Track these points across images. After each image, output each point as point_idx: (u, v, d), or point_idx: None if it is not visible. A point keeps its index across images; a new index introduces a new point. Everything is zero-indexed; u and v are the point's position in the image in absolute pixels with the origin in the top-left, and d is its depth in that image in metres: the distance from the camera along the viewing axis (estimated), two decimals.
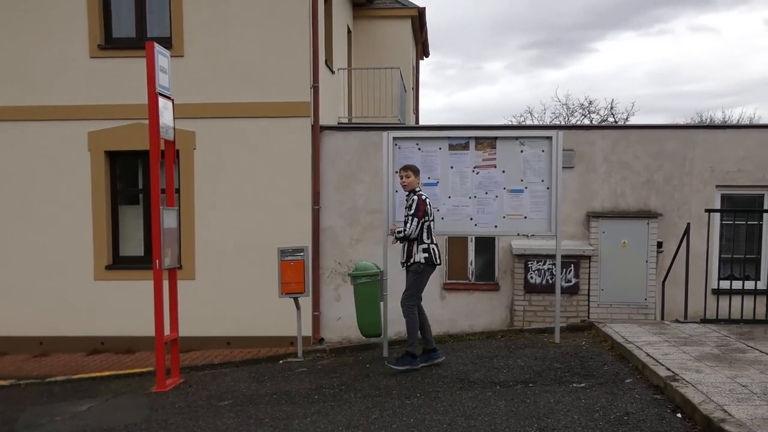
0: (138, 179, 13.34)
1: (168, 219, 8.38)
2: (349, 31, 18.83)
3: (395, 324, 11.83)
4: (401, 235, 7.86)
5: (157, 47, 8.17)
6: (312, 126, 12.85)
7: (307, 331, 12.44)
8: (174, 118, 8.67)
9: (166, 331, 8.50)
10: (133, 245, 13.21)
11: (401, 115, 18.08)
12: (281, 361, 9.81)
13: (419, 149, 8.82)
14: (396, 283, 12.33)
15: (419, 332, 8.08)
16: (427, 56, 26.08)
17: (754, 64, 69.35)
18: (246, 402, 7.25)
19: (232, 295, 12.67)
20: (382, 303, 9.07)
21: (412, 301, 7.97)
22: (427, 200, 7.91)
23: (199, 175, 12.84)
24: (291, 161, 12.76)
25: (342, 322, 12.88)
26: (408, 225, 7.79)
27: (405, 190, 8.09)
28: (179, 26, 12.76)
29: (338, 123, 15.76)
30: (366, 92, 17.71)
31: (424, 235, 7.85)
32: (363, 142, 13.09)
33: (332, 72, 15.52)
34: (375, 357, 9.12)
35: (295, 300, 9.94)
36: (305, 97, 12.74)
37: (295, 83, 12.74)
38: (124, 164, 13.27)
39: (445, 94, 71.64)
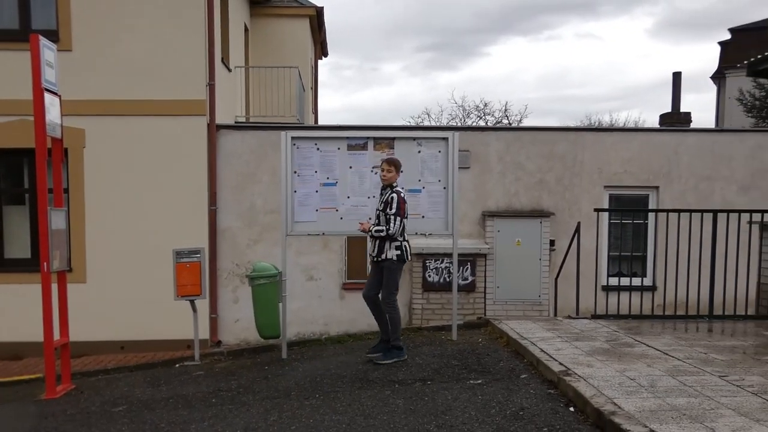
0: (24, 179, 12.78)
1: (56, 220, 8.06)
2: (246, 29, 18.58)
3: (294, 325, 11.78)
4: (383, 234, 7.69)
5: (43, 40, 7.83)
6: (208, 125, 12.62)
7: (205, 333, 12.21)
8: (62, 115, 8.35)
9: (56, 335, 8.18)
10: (19, 247, 12.66)
11: (300, 114, 17.98)
12: (178, 365, 9.59)
13: (318, 149, 8.79)
14: (295, 284, 12.30)
15: (392, 326, 7.98)
16: (325, 56, 26.04)
17: (637, 70, 72.94)
18: (141, 407, 7.05)
19: (125, 298, 12.31)
20: (280, 304, 8.99)
21: (392, 297, 7.85)
22: (405, 196, 7.84)
23: (89, 174, 12.41)
24: (187, 161, 12.50)
25: (240, 324, 12.71)
26: (392, 224, 7.63)
27: (383, 183, 7.92)
28: (67, 19, 12.29)
29: (235, 122, 15.54)
30: (264, 91, 17.53)
31: (398, 233, 7.76)
32: (261, 141, 12.95)
33: (229, 70, 15.29)
34: (274, 358, 9.03)
35: (192, 302, 9.74)
36: (201, 95, 12.50)
37: (190, 81, 12.48)
38: (9, 163, 12.69)
39: (343, 95, 71.91)
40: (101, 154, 12.40)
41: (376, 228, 7.77)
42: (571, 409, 5.63)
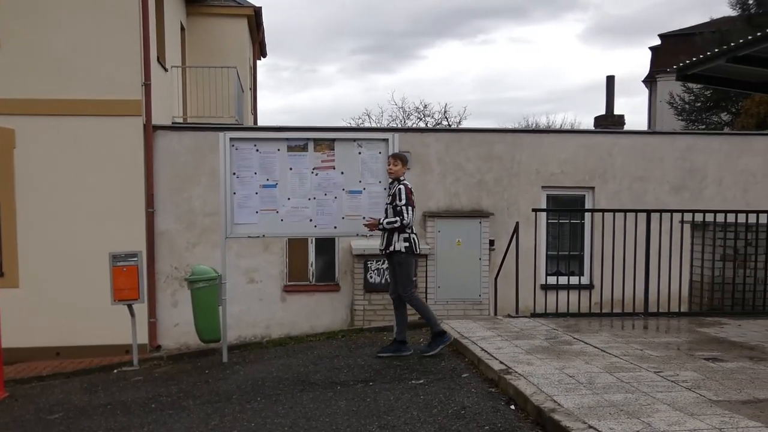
0: None
1: None
2: (182, 28, 18.32)
3: (235, 328, 11.65)
4: (397, 225, 7.63)
5: None
6: (144, 125, 12.40)
7: (143, 338, 11.99)
8: None
9: None
10: None
11: (239, 115, 17.80)
12: (116, 371, 9.41)
13: (257, 150, 8.69)
14: (235, 287, 12.16)
15: (400, 323, 7.97)
16: (264, 56, 25.85)
17: (570, 74, 74.63)
18: (78, 414, 6.89)
19: (61, 303, 12.01)
20: (220, 308, 8.88)
21: (409, 290, 7.79)
22: (411, 188, 7.83)
23: (20, 176, 12.06)
24: (123, 162, 12.26)
25: (180, 328, 12.51)
26: (405, 215, 7.60)
27: (390, 178, 7.95)
28: None
29: (173, 123, 15.30)
30: (202, 91, 17.28)
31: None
32: (199, 142, 12.78)
33: (165, 70, 15.04)
34: (215, 362, 8.92)
35: (129, 307, 9.56)
36: (136, 95, 12.28)
37: (126, 80, 12.25)
38: None
39: (281, 96, 71.55)
40: (33, 155, 12.06)
41: (388, 220, 7.73)
42: (512, 407, 5.69)
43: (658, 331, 8.67)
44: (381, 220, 7.83)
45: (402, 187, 7.72)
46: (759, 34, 7.58)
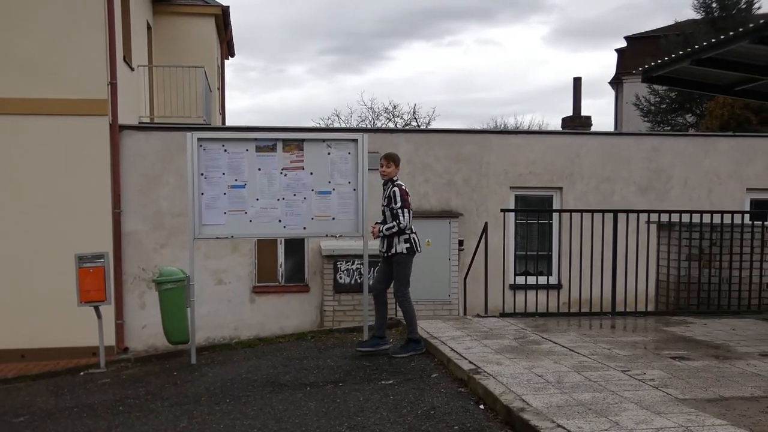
0: None
1: None
2: (149, 27, 18.13)
3: (203, 330, 11.56)
4: (395, 230, 7.62)
5: None
6: (110, 125, 12.26)
7: (110, 340, 11.85)
8: None
9: None
10: None
11: (207, 115, 17.67)
12: (82, 373, 9.29)
13: (225, 151, 8.63)
14: (203, 288, 12.06)
15: (380, 319, 7.96)
16: (232, 56, 25.70)
17: (537, 75, 75.39)
18: (44, 417, 6.79)
19: (26, 305, 11.82)
20: (188, 309, 8.80)
21: (403, 290, 7.79)
22: (406, 188, 7.81)
23: None
24: (89, 162, 12.10)
25: (148, 330, 12.38)
26: (402, 218, 7.60)
27: (383, 179, 7.90)
28: None
29: (139, 123, 15.15)
30: (169, 91, 17.12)
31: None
32: (166, 142, 12.67)
33: (131, 69, 14.88)
34: (183, 364, 8.83)
35: (96, 308, 9.45)
36: (102, 95, 12.13)
37: (91, 79, 12.10)
38: None
39: (249, 96, 71.25)
40: None
41: (387, 227, 7.70)
42: (482, 406, 5.71)
43: (625, 331, 8.76)
44: (380, 227, 7.78)
45: (396, 189, 7.71)
46: (722, 37, 7.70)
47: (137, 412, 6.61)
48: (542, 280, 12.05)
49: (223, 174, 8.60)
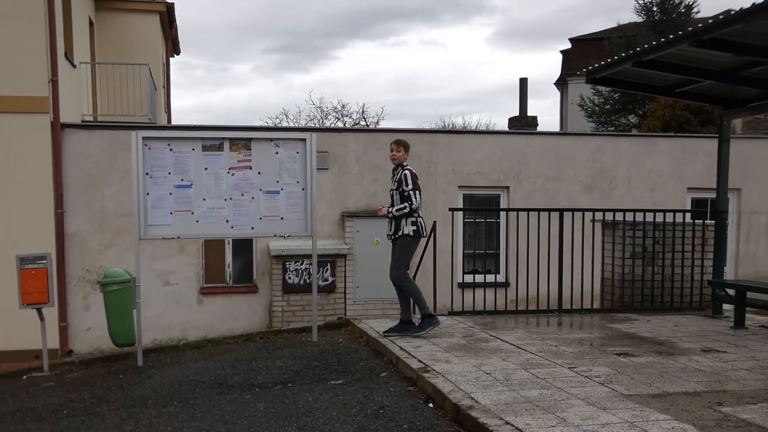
0: None
1: None
2: (91, 23, 17.76)
3: (150, 331, 11.39)
4: (406, 210, 7.76)
5: None
6: (52, 123, 11.98)
7: (54, 343, 11.59)
8: None
9: None
10: None
11: (152, 114, 17.40)
12: (25, 377, 9.12)
13: (171, 150, 8.51)
14: (150, 289, 11.88)
15: (401, 302, 8.17)
16: (178, 54, 25.35)
17: (481, 76, 76.27)
18: None
19: None
20: (134, 311, 8.66)
21: (401, 272, 7.98)
22: (416, 172, 7.97)
23: None
24: (29, 161, 11.81)
25: (93, 332, 12.14)
26: (413, 199, 7.76)
27: (393, 163, 8.09)
28: None
29: (82, 121, 14.85)
30: (113, 89, 16.79)
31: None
32: (110, 141, 12.44)
33: (73, 66, 14.57)
34: (129, 367, 8.69)
35: (39, 311, 9.27)
36: (43, 92, 11.86)
37: (31, 76, 11.82)
38: None
39: (194, 95, 70.35)
40: None
41: (397, 207, 7.84)
42: (431, 405, 5.73)
43: (571, 328, 8.91)
44: (389, 209, 7.92)
45: (407, 172, 7.90)
46: (663, 39, 7.87)
47: (82, 416, 6.49)
48: (490, 278, 12.14)
49: (169, 173, 8.50)
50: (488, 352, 7.17)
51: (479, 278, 10.89)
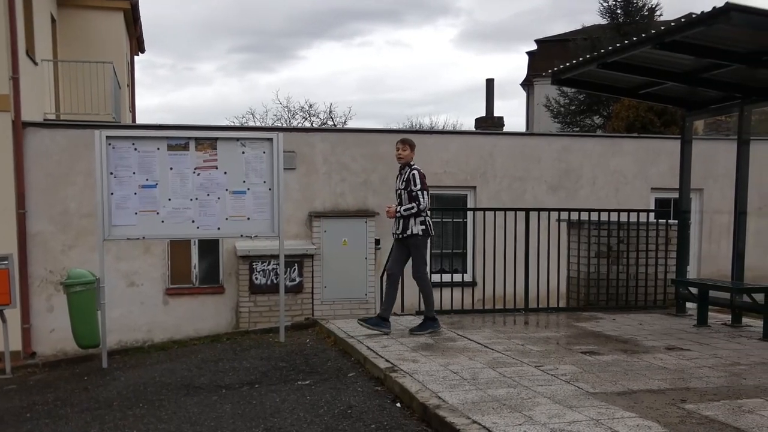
0: None
1: None
2: (53, 20, 17.48)
3: (115, 333, 11.25)
4: (414, 210, 7.85)
5: None
6: (13, 121, 11.78)
7: (17, 345, 11.40)
8: None
9: None
10: None
11: (116, 113, 17.18)
12: None
13: (136, 149, 8.42)
14: (114, 290, 11.74)
15: (387, 300, 8.25)
16: (142, 52, 25.08)
17: (447, 77, 76.67)
18: None
19: None
20: (99, 312, 8.55)
21: (422, 270, 8.10)
22: (423, 172, 8.03)
23: None
24: None
25: (56, 334, 11.96)
26: (421, 199, 7.85)
27: (399, 163, 8.14)
28: None
29: (44, 120, 14.61)
30: (76, 88, 16.54)
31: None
32: (73, 140, 12.27)
33: (35, 63, 14.34)
34: (94, 369, 8.58)
35: (0, 312, 9.10)
36: (3, 90, 11.67)
37: None
38: None
39: (158, 94, 69.64)
40: None
41: (405, 207, 7.93)
42: (398, 404, 5.74)
43: (538, 327, 8.98)
44: (397, 208, 7.99)
45: (415, 172, 7.96)
46: (626, 42, 7.97)
47: (46, 418, 6.40)
48: (457, 278, 12.21)
49: (134, 173, 8.40)
50: (455, 352, 7.20)
51: (446, 278, 10.93)
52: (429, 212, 8.17)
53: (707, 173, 14.26)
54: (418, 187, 7.91)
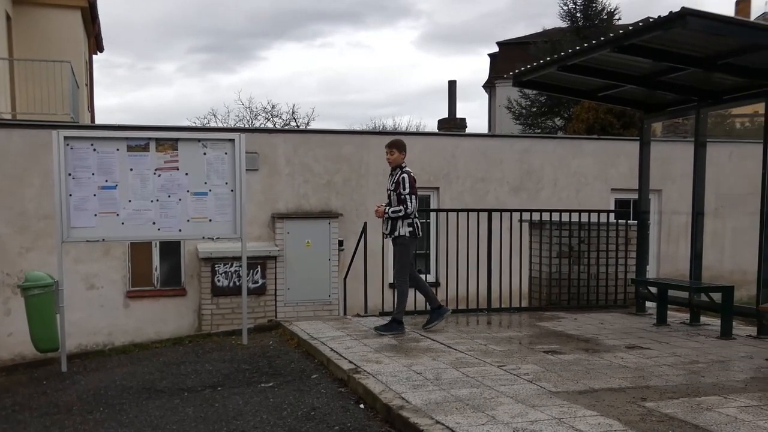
0: None
1: None
2: (8, 18, 17.14)
3: (75, 336, 11.08)
4: (401, 214, 8.07)
5: None
6: None
7: None
8: None
9: None
10: None
11: (74, 113, 16.92)
12: None
13: (95, 150, 8.29)
14: (74, 293, 11.56)
15: (424, 295, 8.49)
16: (101, 51, 24.74)
17: (409, 78, 76.99)
18: None
19: None
20: (58, 315, 8.40)
21: (403, 272, 8.23)
22: (414, 175, 8.24)
23: None
24: None
25: (14, 338, 11.73)
26: (409, 203, 8.08)
27: (390, 166, 8.38)
28: None
29: (0, 119, 14.33)
30: (33, 87, 16.25)
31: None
32: (30, 141, 12.06)
33: None
34: (53, 373, 8.43)
35: None
36: None
37: None
38: None
39: (117, 94, 68.67)
40: None
41: (393, 209, 8.16)
42: (362, 406, 5.74)
43: (500, 326, 9.05)
44: (386, 209, 8.23)
45: (405, 175, 8.20)
46: (586, 45, 8.07)
47: (3, 424, 6.29)
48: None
49: (93, 174, 8.28)
50: (419, 352, 7.22)
51: None
52: (417, 214, 8.35)
53: (666, 174, 14.49)
54: (407, 190, 8.11)
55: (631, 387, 5.78)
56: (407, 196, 8.10)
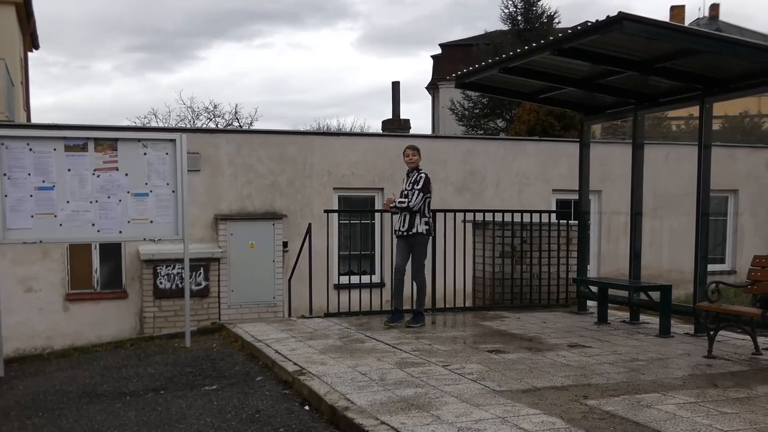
0: None
1: None
2: None
3: (12, 340, 10.80)
4: (404, 205, 8.58)
5: None
6: None
7: None
8: None
9: None
10: None
11: (9, 111, 16.45)
12: None
13: (31, 150, 8.11)
14: (11, 296, 11.26)
15: (399, 296, 8.79)
16: (36, 48, 24.12)
17: (350, 79, 77.10)
18: None
19: None
20: None
21: (423, 268, 8.71)
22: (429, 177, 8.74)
23: None
24: None
25: None
26: (414, 197, 8.58)
27: (409, 167, 8.90)
28: None
29: None
30: None
31: (426, 209, 8.67)
32: None
33: None
34: None
35: None
36: None
37: None
38: None
39: (53, 93, 66.80)
40: None
41: (400, 200, 8.70)
42: (307, 407, 5.74)
43: (445, 326, 9.12)
44: (394, 199, 8.80)
45: (423, 175, 8.76)
46: (526, 47, 8.20)
47: None
48: (366, 279, 12.25)
49: (29, 175, 8.11)
50: (364, 353, 7.24)
51: (354, 279, 10.96)
52: (431, 214, 8.89)
53: (605, 175, 14.78)
54: (420, 186, 8.64)
55: (573, 385, 5.88)
56: (416, 192, 8.57)
